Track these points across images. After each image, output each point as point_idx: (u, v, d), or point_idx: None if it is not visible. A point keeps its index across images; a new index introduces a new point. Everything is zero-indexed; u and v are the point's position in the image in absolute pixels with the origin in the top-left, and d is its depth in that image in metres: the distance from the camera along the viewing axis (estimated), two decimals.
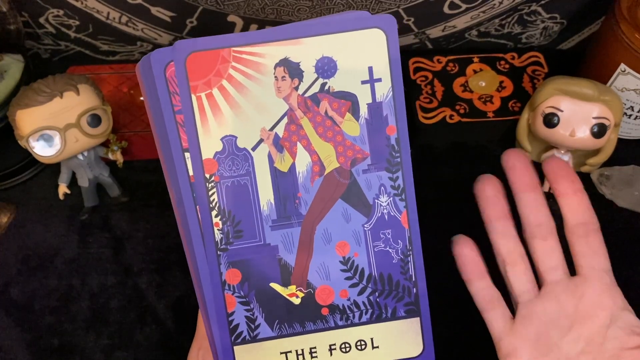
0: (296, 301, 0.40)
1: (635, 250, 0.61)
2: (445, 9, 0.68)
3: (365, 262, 0.40)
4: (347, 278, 0.40)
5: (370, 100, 0.39)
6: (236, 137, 0.38)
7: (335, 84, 0.38)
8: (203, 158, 0.38)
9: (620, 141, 0.63)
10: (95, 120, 0.58)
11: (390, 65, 0.38)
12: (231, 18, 0.69)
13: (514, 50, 0.75)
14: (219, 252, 0.39)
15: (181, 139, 0.38)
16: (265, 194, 0.39)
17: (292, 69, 0.38)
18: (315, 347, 0.40)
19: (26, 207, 0.65)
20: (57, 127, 0.56)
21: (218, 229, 0.38)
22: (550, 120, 0.59)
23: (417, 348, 0.41)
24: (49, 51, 0.76)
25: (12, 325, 0.57)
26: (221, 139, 0.38)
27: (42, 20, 0.70)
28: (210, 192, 0.38)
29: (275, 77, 0.38)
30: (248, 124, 0.38)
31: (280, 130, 0.38)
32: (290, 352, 0.40)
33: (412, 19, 0.70)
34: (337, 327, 0.40)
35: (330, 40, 0.38)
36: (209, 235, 0.39)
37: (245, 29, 0.70)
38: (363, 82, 0.38)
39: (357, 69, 0.38)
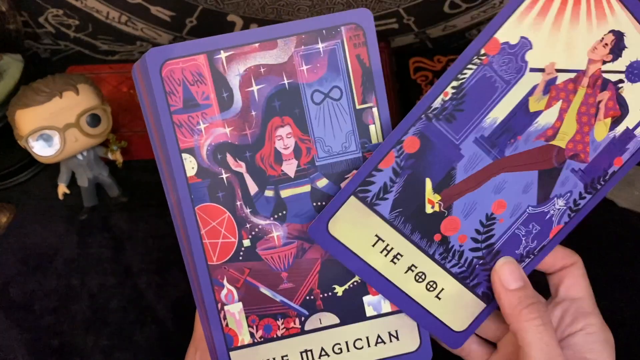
0: (429, 210, 0.39)
1: (635, 250, 0.61)
2: (446, 9, 0.68)
3: (500, 232, 0.40)
4: (477, 231, 0.40)
5: (631, 127, 0.39)
6: (530, 49, 0.37)
7: (627, 90, 0.38)
8: (494, 35, 0.37)
9: None
10: (95, 120, 0.58)
11: None
12: (231, 17, 0.69)
13: None
14: None
15: (178, 139, 0.37)
16: (501, 110, 0.38)
17: (617, 47, 0.38)
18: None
19: (26, 207, 0.65)
20: (56, 127, 0.56)
21: None
22: None
23: (461, 325, 0.41)
24: (49, 51, 0.76)
25: (12, 326, 0.57)
26: (521, 37, 0.37)
27: (41, 20, 0.70)
28: (469, 68, 0.37)
29: (602, 39, 0.37)
30: (548, 48, 0.37)
31: (562, 78, 0.38)
32: None
33: (413, 19, 0.70)
34: (431, 257, 0.40)
35: None
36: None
37: (244, 28, 0.70)
38: None
39: None
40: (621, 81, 0.38)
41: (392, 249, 0.39)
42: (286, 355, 0.40)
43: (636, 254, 0.61)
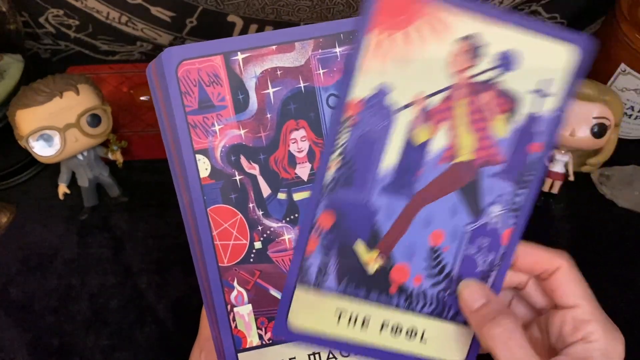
0: (372, 269, 0.39)
1: (635, 250, 0.61)
2: None
3: (451, 259, 0.39)
4: (427, 267, 0.39)
5: (532, 111, 0.38)
6: (390, 91, 0.37)
7: (507, 81, 0.37)
8: (349, 99, 0.37)
9: (621, 141, 0.63)
10: (95, 120, 0.58)
11: (569, 87, 0.38)
12: (231, 18, 0.69)
13: None
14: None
15: (192, 140, 0.37)
16: (390, 156, 0.38)
17: (474, 48, 0.37)
18: (369, 317, 0.40)
19: (26, 207, 0.65)
20: (56, 127, 0.56)
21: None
22: None
23: (459, 355, 0.40)
24: (49, 51, 0.76)
25: (12, 325, 0.57)
26: (376, 87, 0.37)
27: (42, 20, 0.70)
28: (341, 135, 0.37)
29: (455, 49, 0.37)
30: (407, 83, 0.37)
31: (434, 102, 0.37)
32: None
33: None
34: (397, 308, 0.39)
35: (526, 38, 0.37)
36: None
37: (244, 29, 0.70)
38: (534, 92, 0.38)
39: (535, 76, 0.38)
40: (497, 75, 0.37)
41: (357, 315, 0.39)
42: (294, 358, 0.40)
43: (636, 254, 0.61)
